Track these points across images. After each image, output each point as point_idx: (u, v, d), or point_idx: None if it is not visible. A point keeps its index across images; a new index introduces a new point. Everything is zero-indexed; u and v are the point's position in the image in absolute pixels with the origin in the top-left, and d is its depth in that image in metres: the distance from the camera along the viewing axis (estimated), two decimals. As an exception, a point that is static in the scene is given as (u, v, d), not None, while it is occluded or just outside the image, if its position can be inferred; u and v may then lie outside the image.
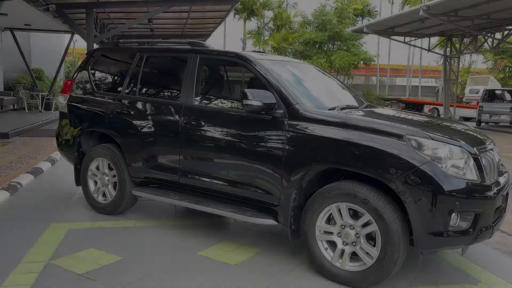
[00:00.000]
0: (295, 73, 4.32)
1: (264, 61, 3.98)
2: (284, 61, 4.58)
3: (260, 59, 3.95)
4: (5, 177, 6.14)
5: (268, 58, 4.32)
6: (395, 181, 2.97)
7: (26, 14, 13.16)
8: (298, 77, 4.26)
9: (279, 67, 4.12)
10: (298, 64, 4.67)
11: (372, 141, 3.11)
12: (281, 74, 3.93)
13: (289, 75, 4.11)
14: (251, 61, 3.87)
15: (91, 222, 4.51)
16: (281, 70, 4.07)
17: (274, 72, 3.82)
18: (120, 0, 11.08)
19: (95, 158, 4.79)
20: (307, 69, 4.66)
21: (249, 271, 3.46)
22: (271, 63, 4.09)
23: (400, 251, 3.01)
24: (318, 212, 3.32)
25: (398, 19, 18.28)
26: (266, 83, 3.70)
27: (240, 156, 3.74)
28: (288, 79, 3.97)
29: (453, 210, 2.87)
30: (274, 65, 4.08)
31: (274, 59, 4.40)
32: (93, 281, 3.17)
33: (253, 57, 3.93)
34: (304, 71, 4.56)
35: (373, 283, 3.14)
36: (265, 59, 4.10)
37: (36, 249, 3.75)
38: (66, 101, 5.09)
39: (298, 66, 4.61)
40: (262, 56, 4.26)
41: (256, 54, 4.23)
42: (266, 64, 3.91)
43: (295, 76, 4.24)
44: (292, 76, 4.16)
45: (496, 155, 3.45)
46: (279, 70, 4.02)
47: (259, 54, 4.52)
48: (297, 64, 4.65)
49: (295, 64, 4.62)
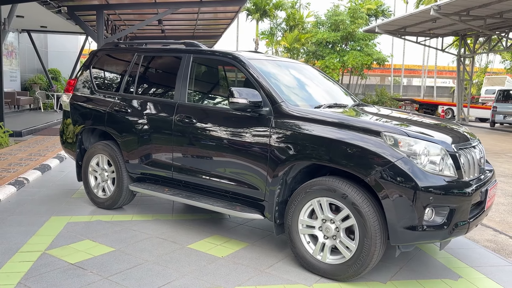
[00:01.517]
0: (286, 73, 4.41)
1: (254, 60, 4.09)
2: (278, 61, 4.67)
3: (250, 59, 4.06)
4: (14, 173, 6.38)
5: (261, 58, 4.43)
6: (371, 176, 3.05)
7: (41, 16, 13.57)
8: (288, 77, 4.36)
9: (270, 67, 4.23)
10: (292, 64, 4.76)
11: (350, 138, 3.20)
12: (270, 73, 4.04)
13: (279, 75, 4.22)
14: (241, 60, 3.99)
15: (90, 216, 4.69)
16: (272, 70, 4.18)
17: (263, 71, 3.93)
18: (129, 2, 11.32)
19: (95, 155, 4.97)
20: (301, 69, 4.75)
21: (234, 263, 3.57)
22: (263, 63, 4.20)
23: (377, 245, 3.08)
24: (301, 206, 3.42)
25: (409, 19, 18.21)
26: (254, 82, 3.81)
27: (228, 153, 3.86)
28: (277, 78, 4.08)
29: (427, 205, 2.94)
30: (265, 64, 4.19)
31: (267, 59, 4.50)
32: (83, 270, 3.33)
33: (243, 56, 4.04)
34: (297, 71, 4.64)
35: (352, 276, 3.22)
36: (256, 59, 4.21)
37: (34, 239, 3.94)
38: (69, 100, 5.29)
39: (292, 66, 4.70)
40: (255, 56, 4.38)
41: (249, 54, 4.34)
42: (256, 63, 4.02)
43: (285, 75, 4.34)
44: (282, 76, 4.26)
45: (478, 153, 3.50)
46: (270, 70, 4.13)
47: (254, 53, 4.63)
48: (291, 64, 4.74)
49: (288, 64, 4.71)
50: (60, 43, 22.53)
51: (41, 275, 3.22)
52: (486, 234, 4.79)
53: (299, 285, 3.24)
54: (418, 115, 4.26)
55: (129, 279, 3.20)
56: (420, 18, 17.74)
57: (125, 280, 3.19)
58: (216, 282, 3.22)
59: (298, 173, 3.65)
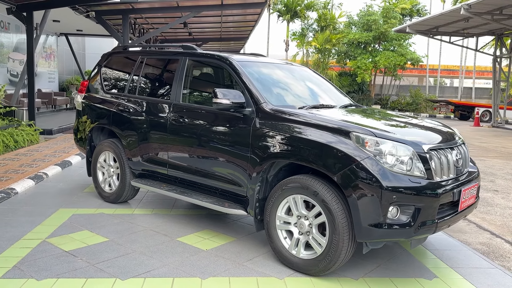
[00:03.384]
0: (278, 75, 4.57)
1: (244, 63, 4.26)
2: (275, 64, 4.82)
3: (239, 61, 4.24)
4: (36, 168, 6.84)
5: (256, 60, 4.59)
6: (338, 175, 3.15)
7: (75, 21, 14.26)
8: (279, 79, 4.50)
9: (261, 69, 4.40)
10: (289, 67, 4.89)
11: (322, 138, 3.31)
12: (259, 75, 4.20)
13: (269, 77, 4.38)
14: (230, 62, 4.17)
15: (95, 209, 5.00)
16: (262, 72, 4.35)
17: (250, 73, 4.10)
18: (153, 7, 11.76)
19: (103, 152, 5.29)
20: (296, 71, 4.87)
21: (216, 256, 3.75)
22: (254, 65, 4.37)
23: (344, 241, 3.18)
24: (278, 203, 3.55)
25: (440, 19, 17.79)
26: (240, 83, 3.99)
27: (215, 151, 4.05)
28: (265, 80, 4.23)
29: (390, 204, 3.01)
30: (256, 67, 4.36)
31: (263, 61, 4.66)
32: (74, 257, 3.61)
33: (232, 58, 4.22)
34: (291, 73, 4.77)
35: (322, 271, 3.33)
36: (247, 61, 4.38)
37: (38, 228, 4.27)
38: (81, 100, 5.65)
39: (288, 69, 4.83)
40: (248, 59, 4.54)
41: (240, 57, 4.52)
42: (244, 65, 4.19)
43: (276, 77, 4.49)
44: (272, 78, 4.42)
45: (455, 154, 3.51)
46: (259, 72, 4.29)
47: (248, 56, 4.79)
48: (287, 67, 4.88)
49: (285, 67, 4.85)
50: (97, 46, 23.46)
51: (35, 260, 3.52)
52: (482, 237, 4.74)
53: (272, 278, 3.38)
54: (407, 117, 4.29)
55: (113, 267, 3.45)
56: (451, 17, 17.30)
57: (110, 267, 3.44)
58: (193, 272, 3.41)
59: (280, 171, 3.79)
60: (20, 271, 3.31)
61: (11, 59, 15.08)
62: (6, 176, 6.16)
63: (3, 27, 14.80)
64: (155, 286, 3.17)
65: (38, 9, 9.97)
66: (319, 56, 28.14)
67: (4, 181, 5.88)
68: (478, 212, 5.65)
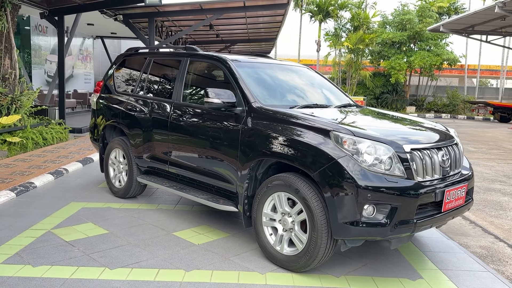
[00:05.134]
0: (275, 75, 4.64)
1: (239, 63, 4.37)
2: (274, 64, 4.89)
3: (234, 61, 4.35)
4: (58, 164, 7.21)
5: (253, 61, 4.70)
6: (316, 173, 3.20)
7: (109, 24, 14.84)
8: (274, 79, 4.57)
9: (256, 69, 4.50)
10: (288, 67, 4.95)
11: (303, 136, 3.37)
12: (252, 75, 4.31)
13: (263, 77, 4.46)
14: (225, 62, 4.30)
15: (103, 203, 5.25)
16: (256, 72, 4.44)
17: (244, 73, 4.20)
18: (177, 10, 12.07)
19: (113, 149, 5.54)
20: (295, 71, 4.92)
21: (205, 250, 3.88)
22: (250, 65, 4.48)
23: (323, 238, 3.22)
24: (264, 200, 3.64)
25: (474, 17, 17.25)
26: (232, 82, 4.10)
27: (209, 149, 4.18)
28: (258, 80, 4.33)
29: (365, 202, 3.03)
30: (251, 67, 4.46)
31: (260, 61, 4.76)
32: (72, 247, 3.83)
33: (227, 58, 4.34)
34: (289, 73, 4.83)
35: (302, 267, 3.38)
36: (244, 62, 4.49)
37: (46, 220, 4.55)
38: (96, 99, 5.94)
39: (286, 69, 4.89)
40: (244, 59, 4.64)
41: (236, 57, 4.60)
42: (240, 65, 4.30)
43: (272, 77, 4.57)
44: (267, 78, 4.50)
45: (442, 154, 3.46)
46: (254, 72, 4.40)
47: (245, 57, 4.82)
48: (287, 67, 4.94)
49: (284, 67, 4.91)
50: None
51: (36, 248, 3.77)
52: (484, 240, 4.63)
53: (254, 272, 3.46)
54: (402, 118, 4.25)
55: (106, 257, 3.64)
56: (486, 15, 16.72)
57: (102, 257, 3.63)
58: (179, 265, 3.55)
59: (269, 169, 3.87)
60: (20, 258, 3.56)
61: (48, 61, 15.87)
62: (29, 171, 6.54)
63: (41, 30, 15.61)
64: (139, 275, 3.32)
65: (68, 13, 10.49)
66: (351, 56, 27.77)
67: (26, 176, 6.25)
68: (487, 216, 5.50)
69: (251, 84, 4.09)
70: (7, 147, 8.07)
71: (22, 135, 8.55)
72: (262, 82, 4.35)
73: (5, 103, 8.73)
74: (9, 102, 8.79)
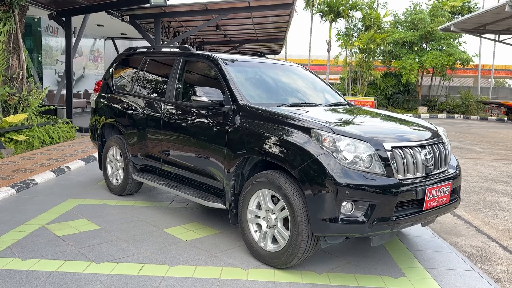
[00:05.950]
0: (265, 74, 4.67)
1: (229, 62, 4.42)
2: (266, 63, 4.92)
3: (225, 59, 4.40)
4: (62, 161, 7.36)
5: (244, 60, 4.73)
6: (297, 170, 3.23)
7: (118, 25, 15.04)
8: (264, 78, 4.60)
9: (246, 68, 4.55)
10: (282, 66, 4.98)
11: (286, 135, 3.40)
12: (242, 74, 4.36)
13: (253, 76, 4.51)
14: (216, 61, 4.35)
15: (100, 200, 5.35)
16: (246, 71, 4.49)
17: (233, 72, 4.25)
18: (183, 10, 12.19)
19: (111, 147, 5.64)
20: (288, 71, 4.95)
21: (192, 246, 3.94)
22: (241, 64, 4.53)
23: (303, 235, 3.25)
24: (249, 197, 3.68)
25: (486, 16, 17.01)
26: (222, 80, 4.16)
27: (199, 147, 4.24)
28: (248, 78, 4.37)
29: (343, 199, 3.05)
30: (242, 66, 4.51)
31: (251, 61, 4.80)
32: (63, 241, 3.93)
33: (218, 57, 4.39)
34: (282, 73, 4.86)
35: (284, 263, 3.41)
36: (235, 61, 4.54)
37: (42, 215, 4.66)
38: (95, 99, 6.05)
39: (279, 68, 4.92)
40: (235, 57, 4.67)
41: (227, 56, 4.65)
42: (230, 64, 4.35)
43: (261, 76, 4.60)
44: (257, 77, 4.54)
45: (425, 153, 3.45)
46: (244, 71, 4.45)
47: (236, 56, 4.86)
48: (279, 66, 4.97)
49: (277, 66, 4.95)
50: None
51: (28, 242, 3.88)
52: (477, 240, 4.60)
53: (237, 268, 3.51)
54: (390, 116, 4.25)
55: (94, 252, 3.72)
56: (498, 14, 16.47)
57: (91, 252, 3.72)
58: (165, 260, 3.61)
59: (256, 167, 3.91)
60: (11, 251, 3.66)
61: (59, 61, 16.15)
62: (32, 169, 6.69)
63: (52, 31, 15.90)
64: (124, 270, 3.39)
65: (75, 14, 10.67)
66: (362, 56, 27.60)
67: (28, 173, 6.40)
68: (484, 216, 5.45)
69: (240, 83, 4.13)
70: (14, 145, 8.25)
71: (29, 133, 8.73)
72: (252, 81, 4.39)
73: (13, 103, 8.94)
74: (16, 102, 8.99)
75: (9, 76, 9.20)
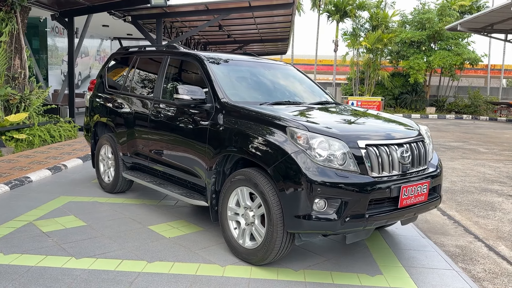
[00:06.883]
0: (251, 73, 4.69)
1: (214, 60, 4.45)
2: (253, 62, 4.93)
3: (209, 58, 4.43)
4: (59, 160, 7.46)
5: (229, 58, 4.74)
6: (271, 167, 3.25)
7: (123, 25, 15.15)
8: (249, 76, 4.63)
9: (231, 67, 4.57)
10: (270, 65, 4.99)
11: (263, 132, 3.42)
12: (226, 72, 4.38)
13: (238, 74, 4.54)
14: (200, 59, 4.39)
15: (91, 197, 5.42)
16: (231, 69, 4.52)
17: (217, 70, 4.28)
18: (184, 10, 12.27)
19: (102, 145, 5.71)
20: (276, 70, 4.97)
21: (174, 243, 3.97)
22: (225, 63, 4.56)
23: (278, 232, 3.26)
24: (228, 195, 3.71)
25: (492, 16, 16.83)
26: (205, 78, 4.19)
27: (182, 145, 4.28)
28: (232, 77, 4.40)
29: (315, 196, 3.06)
30: (226, 64, 4.54)
31: (238, 59, 4.81)
32: (47, 237, 3.99)
33: (202, 56, 4.43)
34: (269, 72, 4.87)
35: (260, 260, 3.43)
36: (219, 59, 4.57)
37: (32, 212, 4.73)
38: (89, 97, 6.13)
39: (267, 67, 4.93)
40: (220, 56, 4.69)
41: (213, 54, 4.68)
42: (214, 63, 4.38)
43: (246, 75, 4.63)
44: (242, 75, 4.57)
45: (402, 151, 3.44)
46: (228, 69, 4.48)
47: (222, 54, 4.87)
48: (267, 65, 4.98)
49: (265, 65, 4.96)
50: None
51: (13, 238, 3.95)
52: (463, 240, 4.57)
53: (214, 265, 3.54)
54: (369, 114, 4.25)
55: (76, 247, 3.78)
56: (504, 14, 16.26)
57: (72, 248, 3.77)
58: (144, 256, 3.65)
59: (237, 164, 3.93)
60: (-6, 246, 3.74)
61: (64, 62, 16.33)
62: (28, 167, 6.79)
63: (57, 32, 16.10)
64: (102, 265, 3.44)
65: (78, 15, 10.80)
66: (370, 56, 27.47)
67: (24, 171, 6.50)
68: (474, 216, 5.41)
69: (224, 81, 4.16)
70: (14, 143, 8.38)
71: (29, 132, 8.86)
72: (237, 79, 4.42)
73: (14, 102, 9.08)
74: (18, 101, 9.13)
75: (11, 75, 9.34)
